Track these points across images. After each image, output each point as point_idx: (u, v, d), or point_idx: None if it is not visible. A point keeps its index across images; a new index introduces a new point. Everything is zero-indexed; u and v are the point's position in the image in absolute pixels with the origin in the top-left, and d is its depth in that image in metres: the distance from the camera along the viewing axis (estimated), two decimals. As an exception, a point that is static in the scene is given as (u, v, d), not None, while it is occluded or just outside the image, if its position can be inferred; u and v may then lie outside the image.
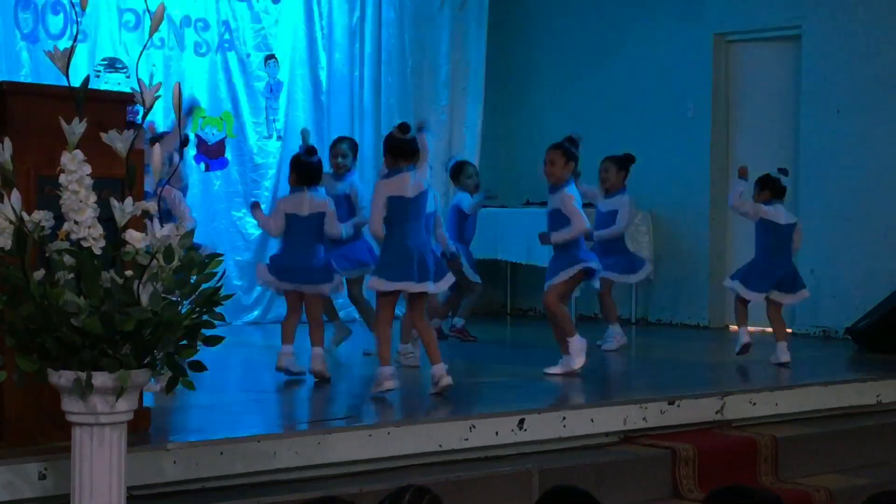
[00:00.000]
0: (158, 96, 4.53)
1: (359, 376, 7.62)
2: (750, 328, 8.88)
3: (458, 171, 10.08)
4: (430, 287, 7.03)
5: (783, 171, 8.91)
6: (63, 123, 4.38)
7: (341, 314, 9.27)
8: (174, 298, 4.31)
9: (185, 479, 5.33)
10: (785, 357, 8.52)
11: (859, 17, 10.40)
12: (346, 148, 9.11)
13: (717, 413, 7.15)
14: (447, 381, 6.93)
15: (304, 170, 7.61)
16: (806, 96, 10.70)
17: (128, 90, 4.83)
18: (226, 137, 10.79)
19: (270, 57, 11.15)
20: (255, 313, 10.75)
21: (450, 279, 7.24)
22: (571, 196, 7.86)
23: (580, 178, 8.47)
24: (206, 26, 10.82)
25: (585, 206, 8.26)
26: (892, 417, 7.73)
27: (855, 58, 10.40)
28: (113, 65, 10.22)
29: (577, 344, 7.76)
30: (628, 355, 9.44)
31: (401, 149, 7.09)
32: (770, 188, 8.79)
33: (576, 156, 7.95)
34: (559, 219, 7.87)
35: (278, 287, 7.63)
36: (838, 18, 10.50)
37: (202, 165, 10.71)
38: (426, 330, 7.21)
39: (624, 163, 9.48)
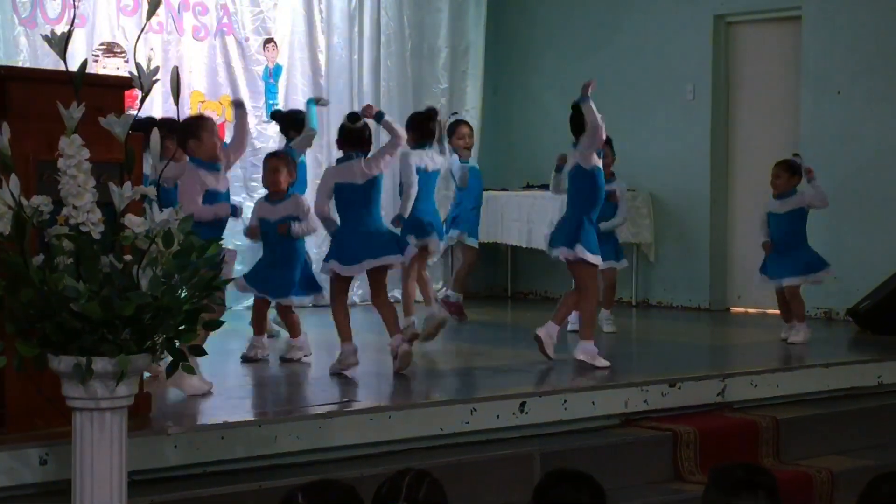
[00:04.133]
0: (157, 80, 4.52)
1: (363, 360, 7.58)
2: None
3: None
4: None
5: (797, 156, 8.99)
6: (61, 108, 4.37)
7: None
8: (173, 282, 4.30)
9: (186, 464, 5.33)
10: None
11: (859, -3, 10.39)
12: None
13: (718, 395, 7.15)
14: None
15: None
16: (806, 78, 10.68)
17: (126, 74, 4.82)
18: (225, 122, 10.76)
19: (269, 40, 11.13)
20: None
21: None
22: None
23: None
24: (205, 10, 10.79)
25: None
26: (893, 399, 7.73)
27: (855, 39, 10.38)
28: (111, 49, 10.20)
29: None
30: (629, 338, 9.44)
31: (349, 137, 7.31)
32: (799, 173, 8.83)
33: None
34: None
35: None
36: (838, -1, 10.48)
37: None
38: (386, 306, 7.37)
39: None
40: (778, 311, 9.10)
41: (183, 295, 4.32)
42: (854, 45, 10.38)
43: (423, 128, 8.78)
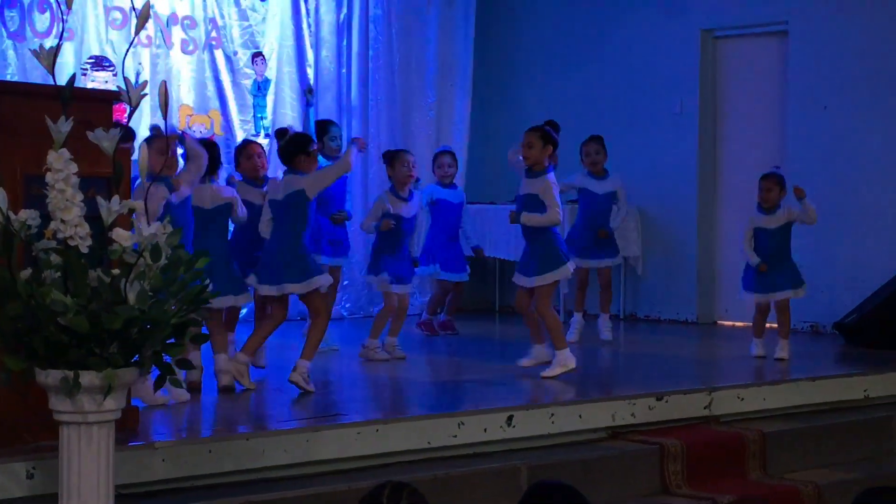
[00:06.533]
0: (145, 94, 4.53)
1: (346, 375, 7.61)
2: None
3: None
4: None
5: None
6: (49, 122, 4.37)
7: None
8: (161, 297, 4.31)
9: (174, 478, 5.32)
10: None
11: (846, 12, 10.42)
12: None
13: (705, 408, 7.17)
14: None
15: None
16: (793, 92, 10.71)
17: (114, 88, 4.82)
18: (213, 135, 10.76)
19: (258, 54, 11.14)
20: (243, 311, 10.70)
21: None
22: (553, 184, 7.66)
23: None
24: (193, 24, 10.80)
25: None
26: (879, 412, 7.75)
27: (842, 54, 10.42)
28: (100, 63, 10.19)
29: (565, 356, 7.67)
30: (616, 351, 9.45)
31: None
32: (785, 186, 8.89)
33: (555, 140, 7.76)
34: (533, 203, 7.69)
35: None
36: (825, 14, 10.52)
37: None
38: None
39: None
40: (752, 325, 8.96)
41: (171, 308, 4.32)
42: (840, 59, 10.42)
43: None
